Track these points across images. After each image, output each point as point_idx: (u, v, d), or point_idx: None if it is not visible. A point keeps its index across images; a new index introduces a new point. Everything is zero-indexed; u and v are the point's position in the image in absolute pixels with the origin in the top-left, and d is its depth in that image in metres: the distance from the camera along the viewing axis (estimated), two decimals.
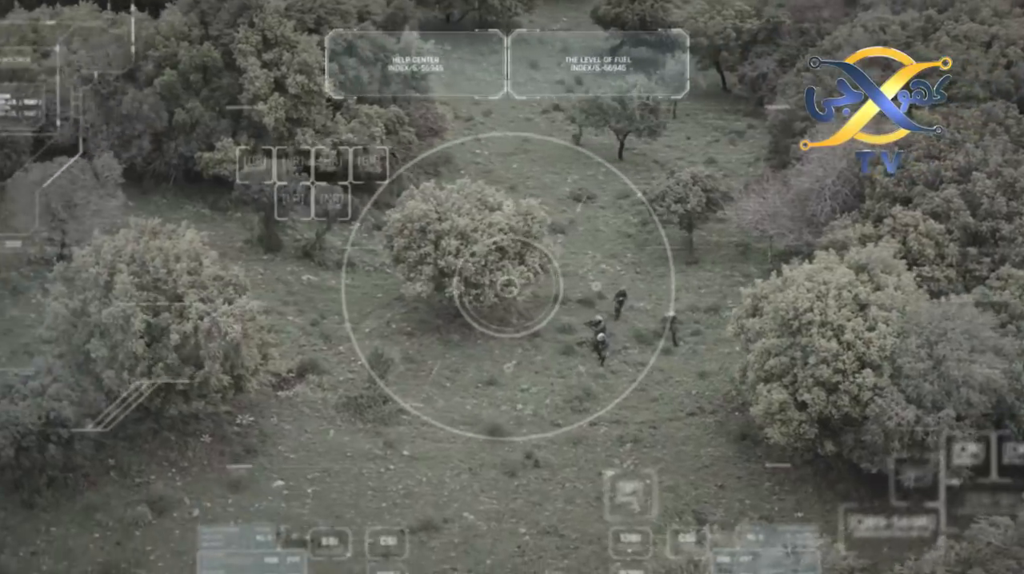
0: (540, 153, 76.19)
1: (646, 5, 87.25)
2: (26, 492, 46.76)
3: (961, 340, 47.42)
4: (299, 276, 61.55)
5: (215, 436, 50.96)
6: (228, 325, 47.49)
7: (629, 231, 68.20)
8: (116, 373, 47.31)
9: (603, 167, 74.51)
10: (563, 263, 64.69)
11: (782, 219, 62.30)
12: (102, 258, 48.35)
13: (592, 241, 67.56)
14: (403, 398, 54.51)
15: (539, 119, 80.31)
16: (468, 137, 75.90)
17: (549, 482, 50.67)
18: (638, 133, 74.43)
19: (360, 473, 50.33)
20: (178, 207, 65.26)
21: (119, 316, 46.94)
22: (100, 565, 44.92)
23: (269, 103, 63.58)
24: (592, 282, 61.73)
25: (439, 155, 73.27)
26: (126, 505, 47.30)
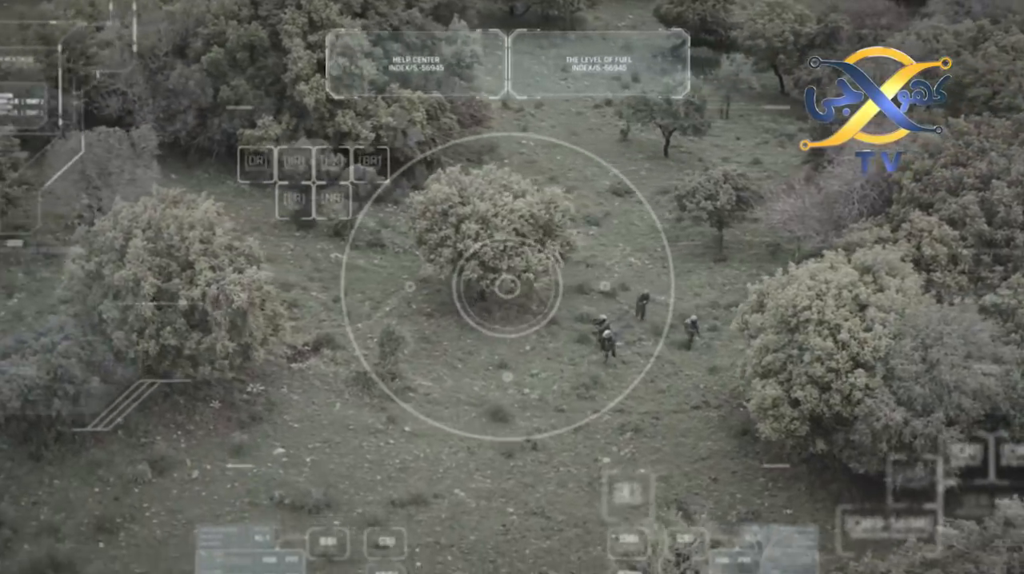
0: (585, 147, 76.71)
1: (707, 5, 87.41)
2: (34, 445, 48.47)
3: (957, 345, 47.32)
4: (328, 254, 62.81)
5: (224, 402, 52.32)
6: (235, 293, 48.82)
7: (663, 226, 68.53)
8: (125, 334, 48.86)
9: (646, 163, 74.90)
10: (591, 254, 65.46)
11: (810, 221, 62.37)
12: (120, 223, 49.96)
13: (625, 234, 68.10)
14: (414, 376, 55.48)
15: (590, 113, 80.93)
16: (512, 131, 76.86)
17: (544, 465, 51.34)
18: (683, 131, 74.72)
19: (360, 446, 51.40)
20: (219, 182, 66.88)
21: (130, 279, 48.49)
22: (96, 518, 46.40)
23: (311, 84, 64.82)
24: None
25: (484, 144, 74.17)
26: (129, 463, 48.76)
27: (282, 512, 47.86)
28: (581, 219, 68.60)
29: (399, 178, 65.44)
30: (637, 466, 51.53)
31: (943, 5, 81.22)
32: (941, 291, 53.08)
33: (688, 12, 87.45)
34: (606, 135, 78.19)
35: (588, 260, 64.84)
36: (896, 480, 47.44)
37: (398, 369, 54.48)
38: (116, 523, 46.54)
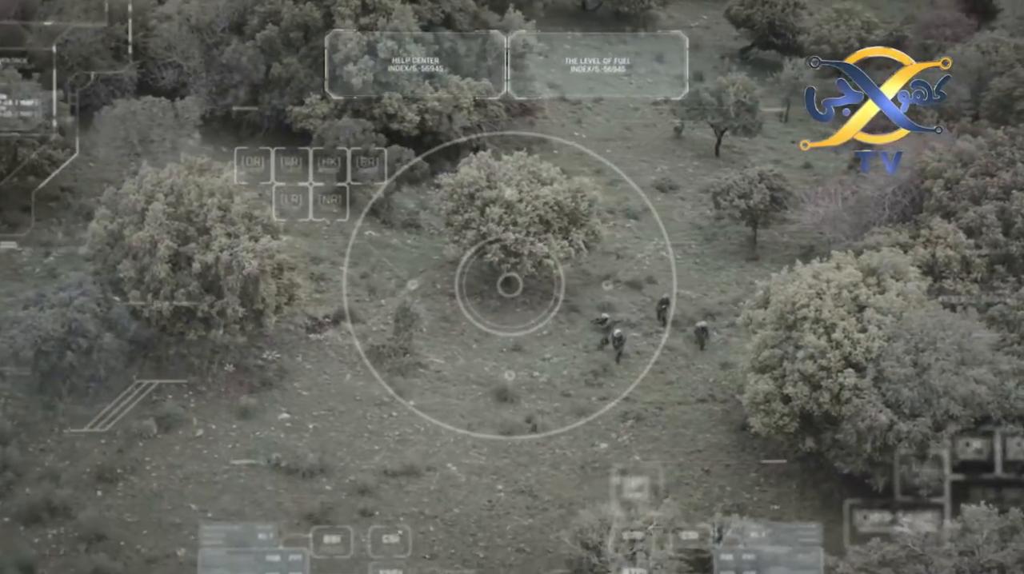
0: (637, 142, 77.36)
1: (776, 9, 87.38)
2: (48, 395, 50.41)
3: (951, 350, 47.31)
4: (362, 231, 64.14)
5: (239, 367, 53.94)
6: (246, 260, 50.39)
7: (701, 224, 69.01)
8: (141, 294, 50.72)
9: (695, 161, 75.29)
10: (623, 246, 66.16)
11: (842, 224, 62.36)
12: (143, 187, 51.81)
13: (660, 229, 68.46)
14: (428, 353, 56.66)
15: (647, 110, 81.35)
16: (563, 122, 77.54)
17: (541, 446, 52.23)
18: (733, 131, 74.98)
19: (363, 416, 52.70)
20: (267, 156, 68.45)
21: (147, 241, 50.30)
22: (97, 467, 48.27)
23: (359, 65, 66.27)
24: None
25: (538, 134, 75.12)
26: (137, 418, 50.55)
27: (276, 474, 49.39)
28: (620, 212, 69.34)
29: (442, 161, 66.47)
30: (632, 453, 52.11)
31: (1013, 20, 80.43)
32: (951, 298, 52.80)
33: (757, 14, 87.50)
34: (660, 132, 78.63)
35: (619, 251, 65.48)
36: (877, 483, 47.54)
37: (411, 345, 55.61)
38: (116, 474, 48.31)
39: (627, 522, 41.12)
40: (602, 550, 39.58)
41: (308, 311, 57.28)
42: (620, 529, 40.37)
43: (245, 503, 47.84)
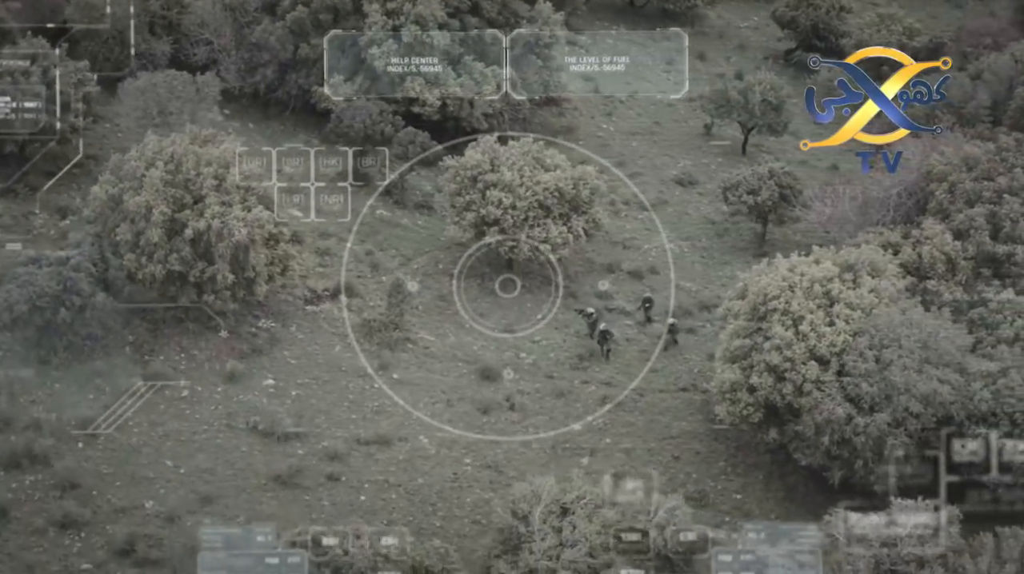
0: (665, 137, 77.92)
1: (820, 12, 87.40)
2: (44, 350, 52.45)
3: (914, 348, 47.60)
4: (374, 210, 65.57)
5: (233, 333, 55.60)
6: (236, 228, 52.03)
7: (715, 219, 69.49)
8: (136, 257, 52.60)
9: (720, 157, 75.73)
10: (631, 236, 66.93)
11: (848, 224, 62.54)
12: (145, 154, 53.65)
13: (675, 222, 69.19)
14: (419, 330, 57.94)
15: (681, 106, 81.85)
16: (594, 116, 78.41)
17: (516, 425, 53.26)
18: (759, 129, 75.33)
19: (346, 386, 54.10)
20: (292, 135, 70.33)
21: (143, 206, 52.14)
22: (81, 420, 50.19)
23: (383, 48, 67.71)
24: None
25: (563, 125, 76.11)
26: (128, 376, 52.43)
27: (253, 437, 50.98)
28: (635, 204, 70.03)
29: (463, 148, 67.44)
30: (605, 436, 52.93)
31: None
32: (933, 299, 52.97)
33: (801, 16, 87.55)
34: (690, 128, 79.13)
35: (626, 242, 66.21)
36: (834, 477, 47.97)
37: (402, 321, 56.86)
38: (99, 427, 50.16)
39: (559, 495, 41.93)
40: (530, 520, 40.46)
41: (309, 284, 58.69)
42: (549, 501, 41.16)
43: (218, 462, 49.44)
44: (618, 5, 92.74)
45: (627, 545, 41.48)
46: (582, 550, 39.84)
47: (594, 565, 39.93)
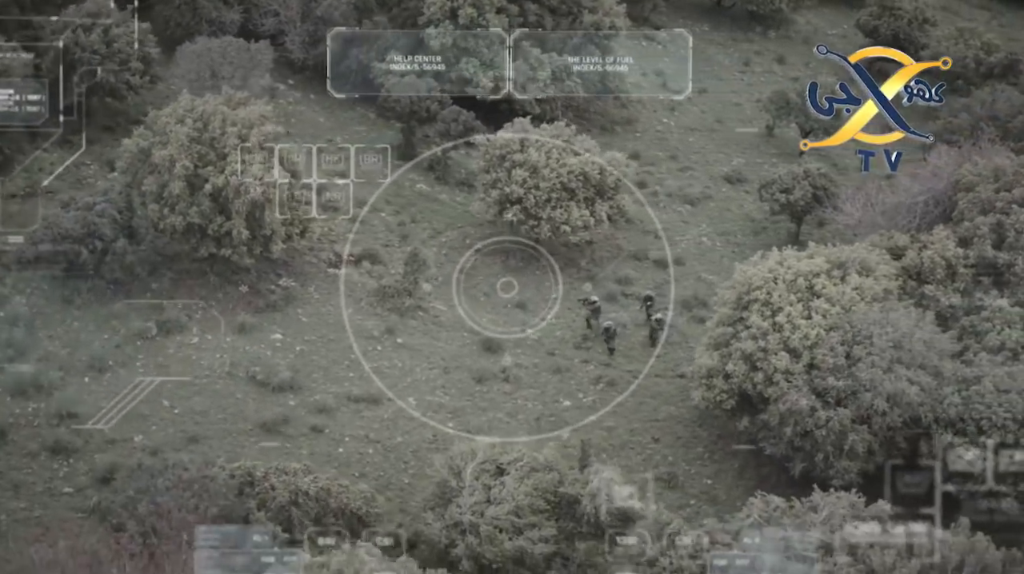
0: (724, 135, 78.53)
1: (902, 22, 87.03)
2: (69, 290, 55.52)
3: (886, 347, 47.99)
4: (414, 184, 67.62)
5: (252, 288, 58.08)
6: (252, 186, 54.45)
7: (756, 217, 69.99)
8: (159, 207, 55.35)
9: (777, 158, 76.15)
10: (665, 227, 67.85)
11: (877, 228, 62.70)
12: (176, 111, 56.41)
13: (714, 217, 69.92)
14: (433, 300, 59.79)
15: (748, 105, 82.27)
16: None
17: (508, 396, 54.78)
18: (816, 132, 75.46)
19: (348, 346, 56.14)
20: (350, 108, 72.72)
21: (167, 159, 54.87)
22: (90, 357, 53.00)
23: (440, 28, 69.73)
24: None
25: (625, 116, 77.32)
26: (143, 319, 55.19)
27: (249, 385, 53.33)
28: (679, 196, 71.00)
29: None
30: (591, 413, 54.16)
31: None
32: (929, 303, 53.16)
33: (883, 26, 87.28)
34: (753, 128, 79.53)
35: (657, 231, 67.13)
36: (795, 468, 48.58)
37: (416, 289, 58.72)
38: (107, 365, 53.03)
39: (497, 455, 43.35)
40: (462, 476, 41.99)
41: (336, 248, 60.93)
42: (486, 460, 42.63)
43: (212, 406, 51.88)
44: (705, 5, 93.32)
45: (557, 509, 42.60)
46: (506, 508, 41.15)
47: (519, 525, 41.16)
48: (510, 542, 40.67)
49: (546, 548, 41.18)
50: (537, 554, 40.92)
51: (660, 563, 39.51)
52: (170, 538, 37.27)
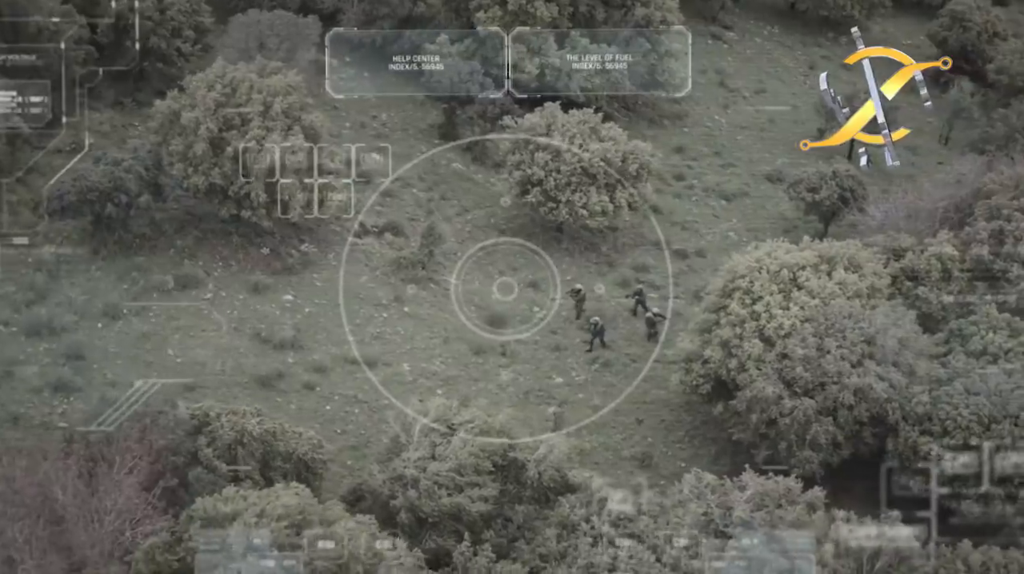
0: (774, 135, 78.85)
1: (971, 34, 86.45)
2: (96, 241, 58.29)
3: (857, 342, 48.56)
4: (450, 163, 69.35)
5: (273, 251, 60.33)
6: (270, 151, 56.70)
7: (788, 215, 70.39)
8: (184, 167, 57.85)
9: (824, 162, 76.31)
10: (694, 219, 68.85)
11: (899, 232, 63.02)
12: (207, 77, 58.89)
13: (747, 214, 70.54)
14: (447, 274, 61.46)
15: (804, 107, 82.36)
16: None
17: (502, 368, 56.28)
18: None
19: (356, 311, 58.10)
20: (399, 87, 74.49)
21: (193, 121, 57.35)
22: (105, 305, 55.64)
23: (488, 13, 71.41)
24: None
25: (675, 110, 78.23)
26: (162, 273, 57.73)
27: (253, 341, 55.58)
28: (715, 192, 71.79)
29: None
30: (580, 391, 55.43)
31: None
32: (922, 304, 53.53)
33: (952, 37, 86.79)
34: (804, 130, 79.38)
35: (688, 224, 68.09)
36: (760, 455, 49.34)
37: (430, 262, 60.46)
38: (121, 313, 55.63)
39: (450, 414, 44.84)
40: (411, 432, 43.61)
41: (362, 219, 62.93)
42: (437, 418, 44.18)
43: (212, 358, 54.13)
44: (779, 7, 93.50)
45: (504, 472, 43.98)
46: (448, 465, 42.64)
47: (459, 482, 42.60)
48: (448, 498, 42.09)
49: (485, 507, 42.51)
50: (474, 512, 42.27)
51: (582, 528, 40.51)
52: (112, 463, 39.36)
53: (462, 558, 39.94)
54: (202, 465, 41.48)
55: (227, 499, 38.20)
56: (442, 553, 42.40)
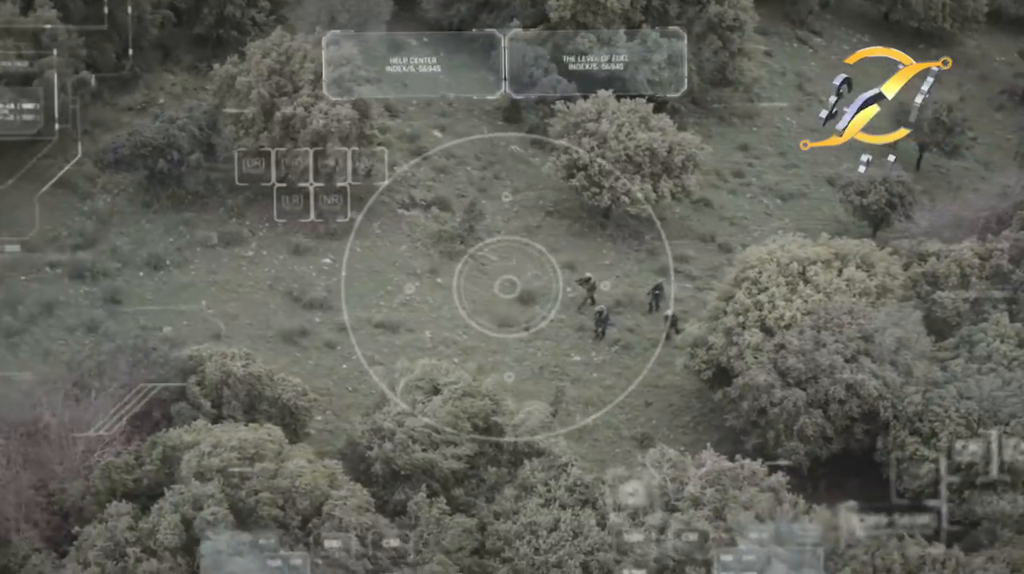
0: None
1: None
2: (149, 195, 61.11)
3: (854, 337, 49.01)
4: (508, 145, 70.87)
5: (321, 217, 62.27)
6: (316, 117, 58.85)
7: (842, 219, 70.46)
8: (235, 129, 60.32)
9: None
10: (743, 215, 69.41)
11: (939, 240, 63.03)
12: (264, 45, 61.31)
13: (801, 215, 70.78)
14: (484, 249, 62.93)
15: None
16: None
17: (522, 343, 57.63)
18: (928, 149, 75.30)
19: (389, 279, 60.03)
20: (474, 69, 76.07)
21: (246, 85, 59.79)
22: (151, 255, 58.44)
23: (560, 1, 72.76)
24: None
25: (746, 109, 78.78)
26: (207, 229, 60.26)
27: (285, 299, 57.94)
28: (773, 191, 72.22)
29: None
30: (596, 371, 56.56)
31: None
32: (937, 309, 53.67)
33: None
34: None
35: (737, 220, 68.69)
36: (748, 441, 50.02)
37: (469, 237, 62.06)
38: (164, 264, 58.45)
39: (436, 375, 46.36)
40: (395, 388, 45.28)
41: (413, 193, 64.83)
42: (422, 377, 45.76)
43: (243, 311, 56.66)
44: (872, 16, 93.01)
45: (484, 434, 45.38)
46: (424, 422, 44.19)
47: (435, 439, 44.13)
48: (423, 454, 43.59)
49: (458, 465, 43.95)
50: (446, 468, 43.70)
51: (537, 490, 41.78)
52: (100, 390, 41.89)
53: (415, 508, 41.40)
54: (188, 402, 43.49)
55: (194, 430, 40.19)
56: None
